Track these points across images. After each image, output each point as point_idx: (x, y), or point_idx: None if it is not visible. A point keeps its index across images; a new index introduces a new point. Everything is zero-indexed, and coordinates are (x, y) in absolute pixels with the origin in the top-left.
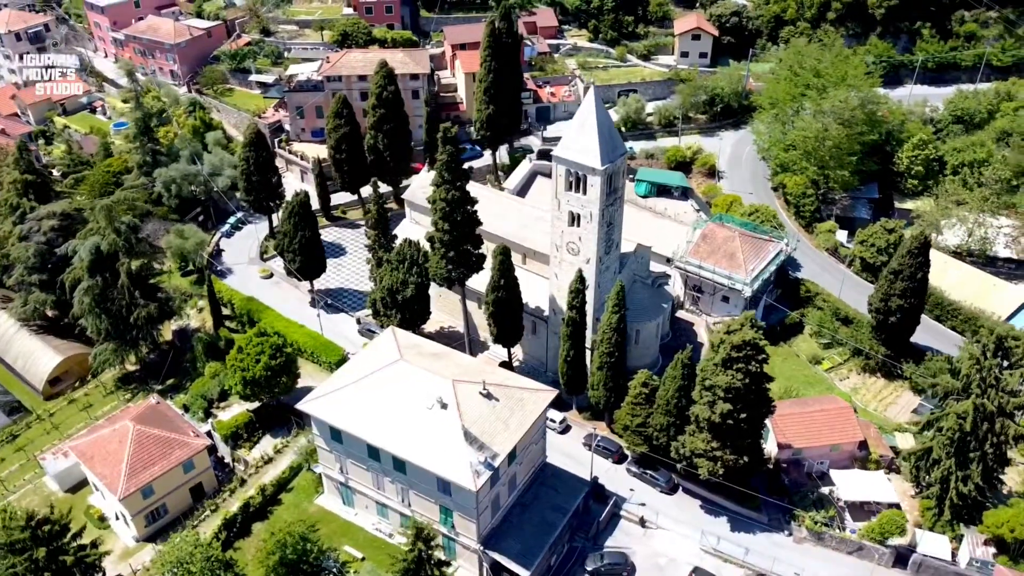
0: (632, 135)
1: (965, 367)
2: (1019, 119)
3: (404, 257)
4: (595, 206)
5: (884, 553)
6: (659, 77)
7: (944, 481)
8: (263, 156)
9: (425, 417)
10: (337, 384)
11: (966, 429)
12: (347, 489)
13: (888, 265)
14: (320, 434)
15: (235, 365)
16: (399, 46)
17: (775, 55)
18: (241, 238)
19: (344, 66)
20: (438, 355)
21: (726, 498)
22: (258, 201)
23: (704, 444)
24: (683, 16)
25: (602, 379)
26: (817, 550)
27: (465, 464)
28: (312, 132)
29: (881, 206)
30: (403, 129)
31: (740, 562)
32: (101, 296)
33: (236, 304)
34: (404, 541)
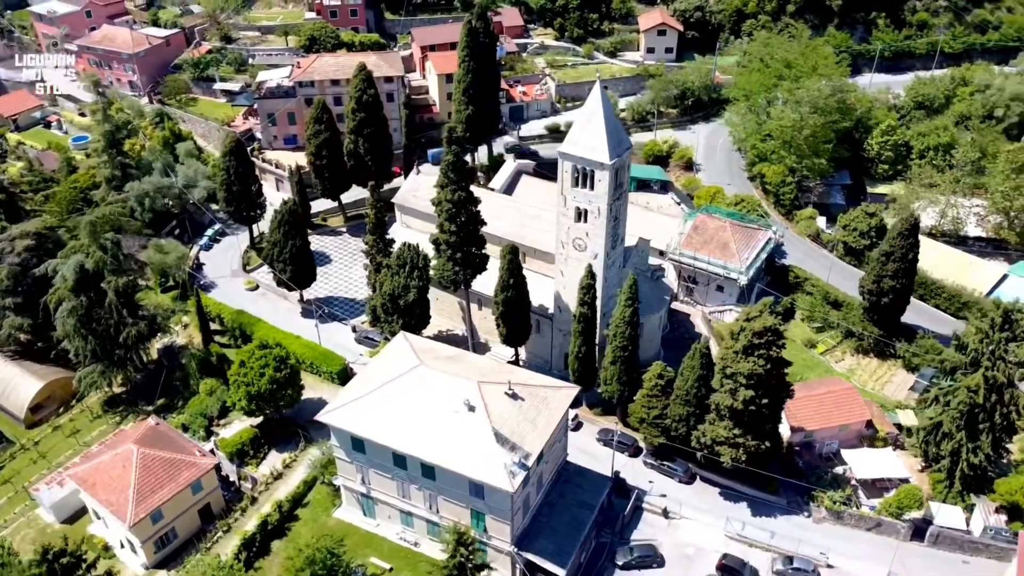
0: None
1: (972, 342)
2: (975, 103)
3: (404, 261)
4: (603, 201)
5: (902, 527)
6: (628, 73)
7: (954, 454)
8: (243, 165)
9: (452, 421)
10: (356, 393)
11: (978, 402)
12: (368, 500)
13: (878, 247)
14: (340, 445)
15: (238, 380)
16: (367, 49)
17: (739, 48)
18: (221, 250)
19: (316, 71)
20: (455, 358)
21: (744, 484)
22: (239, 211)
23: (726, 432)
24: (647, 12)
25: (615, 373)
26: (837, 529)
27: (499, 466)
28: (284, 139)
29: (853, 192)
30: (383, 133)
31: (766, 545)
32: (86, 316)
33: (226, 318)
34: (441, 547)
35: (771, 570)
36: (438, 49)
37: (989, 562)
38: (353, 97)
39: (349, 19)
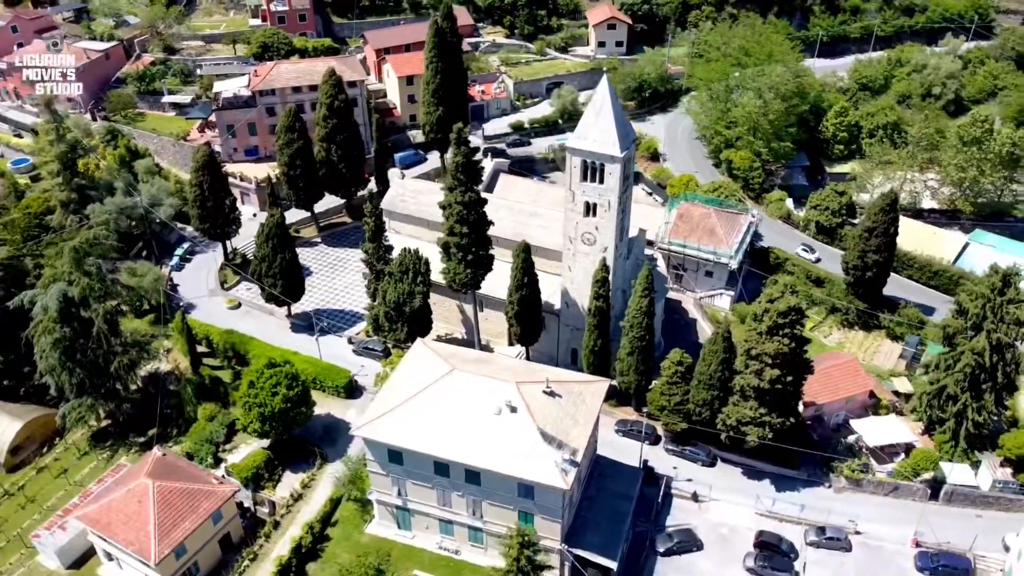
0: (569, 127)
1: (972, 308)
2: (914, 82)
3: (406, 267)
4: (614, 194)
5: (919, 489)
6: (583, 68)
7: (959, 415)
8: (216, 180)
9: (494, 424)
10: (388, 405)
11: (984, 364)
12: (404, 512)
13: (859, 224)
14: (376, 459)
15: (249, 402)
16: (320, 55)
17: (686, 39)
18: (193, 270)
19: (276, 79)
20: (483, 360)
21: (765, 461)
22: (214, 228)
23: (752, 411)
24: (594, 7)
25: (632, 364)
26: (857, 496)
27: (549, 464)
28: (245, 151)
29: (811, 173)
30: (356, 139)
31: (796, 519)
32: (70, 348)
33: (214, 339)
34: (495, 551)
35: (805, 542)
36: (393, 52)
37: (999, 514)
38: (324, 103)
39: (298, 24)
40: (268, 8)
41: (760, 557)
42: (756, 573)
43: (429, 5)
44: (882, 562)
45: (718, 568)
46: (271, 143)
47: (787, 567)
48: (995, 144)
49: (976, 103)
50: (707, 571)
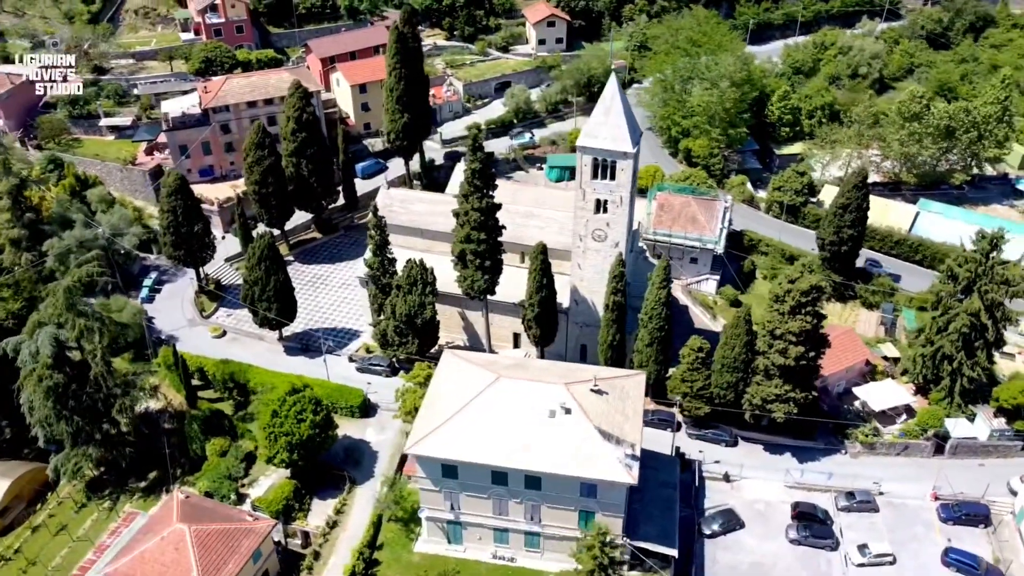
0: (524, 125)
1: (963, 272)
2: (841, 64)
3: (414, 279)
4: (625, 190)
5: (926, 446)
6: (528, 66)
7: (953, 373)
8: (189, 204)
9: (550, 427)
10: (436, 420)
11: (980, 323)
12: (455, 526)
13: (832, 202)
14: (428, 475)
15: (274, 432)
16: (265, 67)
17: (623, 33)
18: (165, 300)
19: (229, 94)
20: (520, 365)
21: (783, 436)
22: (189, 254)
23: (777, 389)
24: (531, 6)
25: (652, 354)
26: (871, 459)
27: (612, 461)
28: (200, 172)
29: (760, 156)
30: (325, 152)
31: (825, 487)
32: (63, 395)
33: (210, 370)
34: (574, 553)
35: (836, 508)
36: (339, 60)
37: (999, 460)
38: (291, 117)
39: (235, 36)
40: (203, 21)
41: (801, 528)
42: (800, 543)
43: (367, 11)
44: (908, 518)
45: (762, 543)
46: (227, 162)
47: (828, 534)
48: (933, 118)
49: (896, 80)
50: (753, 547)
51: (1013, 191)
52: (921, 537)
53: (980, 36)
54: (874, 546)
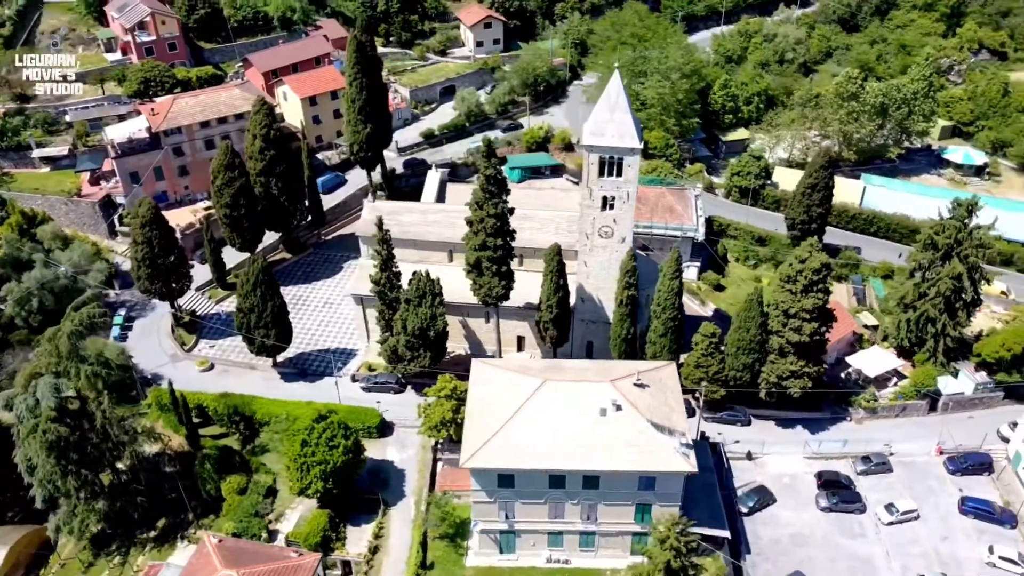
0: (477, 127)
1: (942, 240)
2: (768, 50)
3: (423, 291)
4: (632, 186)
5: (921, 405)
6: (471, 69)
7: (937, 334)
8: (165, 234)
9: (603, 425)
10: (486, 431)
11: (962, 286)
12: (509, 535)
13: (800, 182)
14: (482, 487)
15: (306, 462)
16: (205, 84)
17: (557, 31)
18: (139, 337)
19: (180, 115)
20: (554, 367)
21: (792, 410)
22: (166, 287)
23: (793, 366)
24: (465, 8)
25: (666, 344)
26: (874, 423)
27: (669, 452)
28: (153, 198)
29: (707, 143)
30: (295, 169)
31: (840, 454)
32: (65, 449)
33: (210, 406)
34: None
35: (855, 472)
36: (282, 73)
37: (985, 411)
38: (258, 134)
39: (168, 54)
40: (132, 40)
41: (829, 495)
42: (831, 510)
43: (299, 21)
44: (920, 473)
45: (797, 514)
46: (181, 187)
47: (856, 498)
48: (869, 96)
49: (817, 64)
50: (789, 520)
51: (938, 160)
52: (936, 490)
53: (885, 18)
54: (900, 504)
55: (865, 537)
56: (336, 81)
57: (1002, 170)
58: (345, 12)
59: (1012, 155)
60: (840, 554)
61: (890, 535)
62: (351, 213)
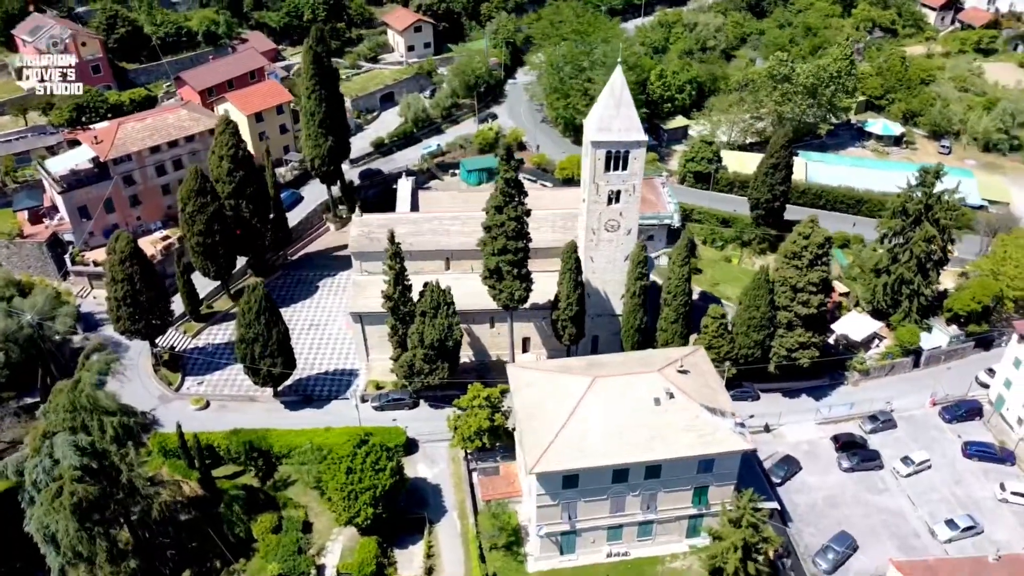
0: (424, 133)
1: (912, 207)
2: (690, 39)
3: (437, 302)
4: (638, 178)
5: (907, 362)
6: (407, 74)
7: (911, 294)
8: (147, 270)
9: (658, 415)
10: (546, 435)
11: (935, 248)
12: (570, 536)
13: (763, 162)
14: (547, 491)
15: (354, 489)
16: (140, 107)
17: (486, 31)
18: (119, 383)
19: (128, 141)
20: (594, 363)
21: (795, 380)
22: (148, 326)
23: (802, 338)
24: (392, 13)
25: (678, 330)
26: (869, 383)
27: (726, 432)
28: (104, 232)
29: (650, 132)
30: (264, 190)
31: (847, 416)
32: (89, 510)
33: (221, 445)
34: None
35: (865, 432)
36: (218, 90)
37: (960, 362)
38: (225, 155)
39: (93, 77)
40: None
41: (849, 456)
42: (853, 470)
43: (224, 35)
44: (920, 425)
45: (823, 478)
46: (133, 217)
47: (874, 456)
48: (800, 77)
49: (734, 50)
50: (817, 484)
51: (860, 134)
52: (939, 439)
53: (788, 3)
54: (915, 456)
55: (889, 491)
56: (280, 95)
57: (916, 138)
58: (269, 23)
59: (922, 124)
60: (871, 510)
61: (910, 486)
62: (314, 231)
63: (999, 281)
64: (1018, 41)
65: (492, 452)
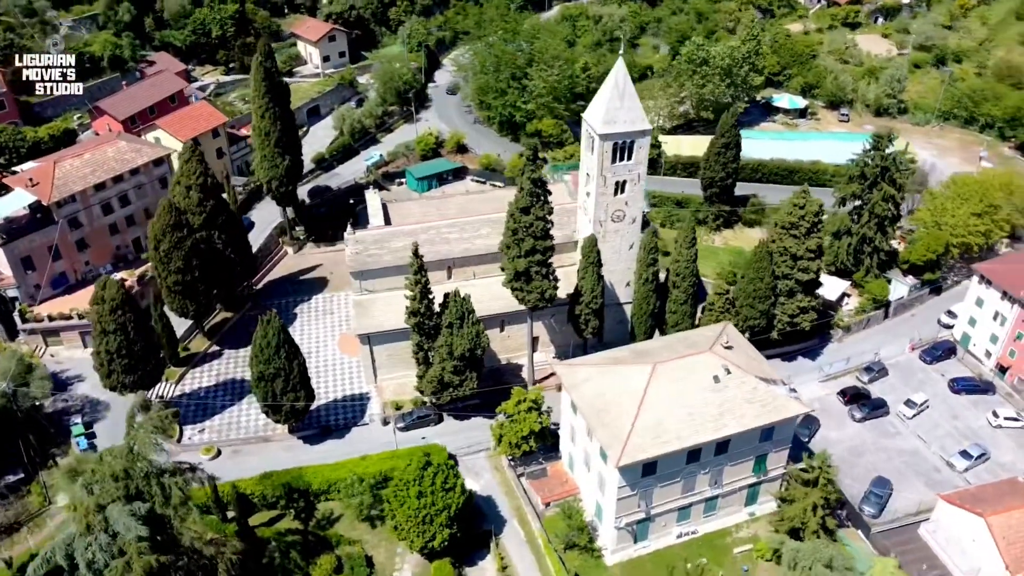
0: (361, 145)
1: (870, 171)
2: (598, 31)
3: (462, 312)
4: (642, 167)
5: (878, 314)
6: (330, 86)
7: (872, 251)
8: (140, 318)
9: (720, 392)
10: (621, 428)
11: (894, 207)
12: (644, 523)
13: (713, 141)
14: (628, 482)
15: (428, 513)
16: (61, 144)
17: (397, 36)
18: (110, 442)
19: (70, 180)
20: (642, 351)
21: (789, 345)
22: (145, 377)
23: (803, 303)
24: (299, 24)
25: (687, 311)
26: (850, 338)
27: (784, 400)
28: (53, 283)
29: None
30: (236, 219)
31: (845, 371)
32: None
33: (255, 492)
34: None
35: (863, 383)
36: (140, 118)
37: (921, 307)
38: (194, 185)
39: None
40: None
41: (859, 407)
42: (865, 419)
43: (131, 59)
44: (907, 369)
45: (839, 431)
46: (81, 263)
47: (881, 404)
48: (716, 60)
49: (636, 39)
50: (837, 438)
51: (768, 109)
52: (925, 380)
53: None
54: (915, 398)
55: (900, 434)
56: (214, 117)
57: (817, 109)
58: (175, 43)
59: (820, 95)
60: (891, 453)
61: (917, 426)
62: (272, 257)
63: (943, 232)
64: (878, 14)
65: (531, 456)
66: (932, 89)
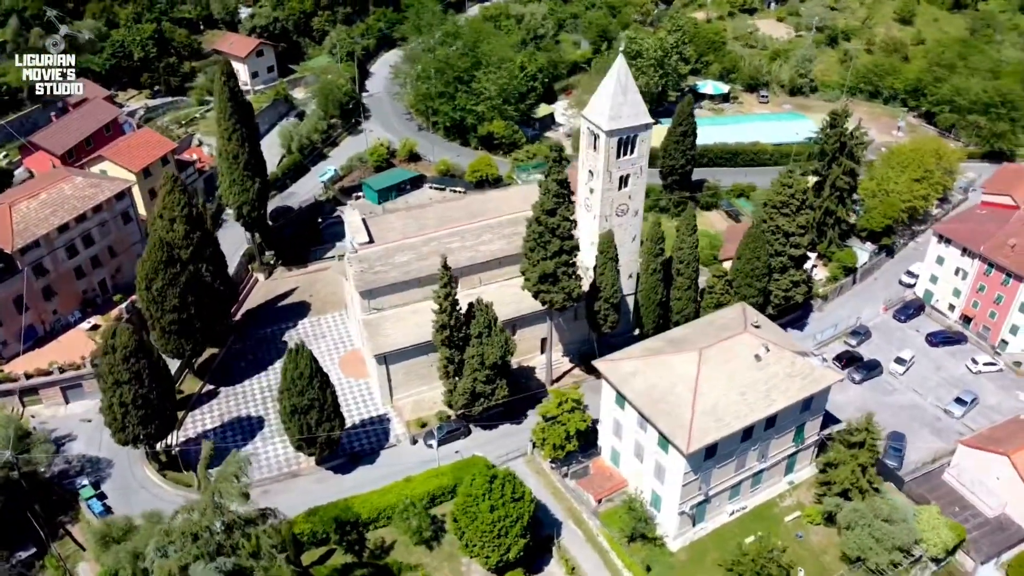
0: (310, 161)
1: (829, 147)
2: (522, 31)
3: (488, 320)
4: (644, 160)
5: (847, 281)
6: (266, 103)
7: (834, 223)
8: (154, 365)
9: (762, 370)
10: (682, 417)
11: (854, 180)
12: (702, 506)
13: (671, 128)
14: (692, 467)
15: (503, 526)
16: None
17: (320, 49)
18: (123, 500)
19: (32, 224)
20: (679, 339)
21: (779, 320)
22: (161, 428)
23: (797, 276)
24: (221, 39)
25: (691, 295)
26: (828, 306)
27: (820, 370)
28: (20, 336)
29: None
30: (220, 252)
31: (832, 337)
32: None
33: (306, 531)
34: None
35: (852, 346)
36: (78, 151)
37: (881, 271)
38: (178, 217)
39: None
40: None
41: (857, 369)
42: (864, 380)
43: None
44: (885, 329)
45: (844, 395)
46: (49, 312)
47: (875, 364)
48: (649, 52)
49: (556, 35)
50: (843, 401)
51: (695, 95)
52: (903, 338)
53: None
54: (903, 355)
55: (897, 391)
56: (162, 144)
57: (738, 93)
58: (94, 68)
59: (738, 79)
60: (894, 409)
61: (910, 381)
62: (244, 285)
63: (893, 198)
64: (771, 0)
65: (570, 456)
66: (831, 67)
